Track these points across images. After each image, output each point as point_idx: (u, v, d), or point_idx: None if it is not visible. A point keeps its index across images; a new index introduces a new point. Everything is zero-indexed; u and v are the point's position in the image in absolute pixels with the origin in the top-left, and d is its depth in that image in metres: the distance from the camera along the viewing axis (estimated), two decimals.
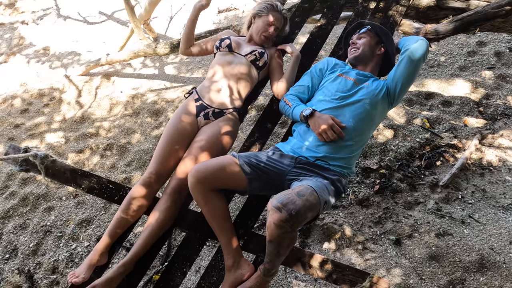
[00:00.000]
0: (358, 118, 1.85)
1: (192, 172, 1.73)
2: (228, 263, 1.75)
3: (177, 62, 5.17)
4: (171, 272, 1.85)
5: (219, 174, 1.74)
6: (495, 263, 2.33)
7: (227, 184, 1.79)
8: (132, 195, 1.91)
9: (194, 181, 1.71)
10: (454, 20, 2.57)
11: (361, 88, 1.92)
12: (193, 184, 1.72)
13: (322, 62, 2.14)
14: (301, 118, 1.91)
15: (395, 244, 2.56)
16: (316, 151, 1.81)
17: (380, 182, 2.97)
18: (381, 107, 1.93)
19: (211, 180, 1.73)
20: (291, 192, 1.52)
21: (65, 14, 6.37)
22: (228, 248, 1.75)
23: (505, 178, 2.89)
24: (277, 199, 1.49)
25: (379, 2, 2.63)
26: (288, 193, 1.51)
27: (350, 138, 1.83)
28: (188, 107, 2.09)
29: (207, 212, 1.77)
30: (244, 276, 1.72)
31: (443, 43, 4.19)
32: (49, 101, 4.73)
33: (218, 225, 1.77)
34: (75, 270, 1.79)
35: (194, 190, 1.74)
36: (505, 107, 3.41)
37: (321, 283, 2.42)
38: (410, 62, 1.87)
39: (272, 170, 1.78)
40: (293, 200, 1.47)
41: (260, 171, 1.77)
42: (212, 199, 1.75)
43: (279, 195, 1.52)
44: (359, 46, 2.03)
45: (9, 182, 3.63)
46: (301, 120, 1.92)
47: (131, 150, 3.82)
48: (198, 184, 1.71)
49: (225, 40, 2.22)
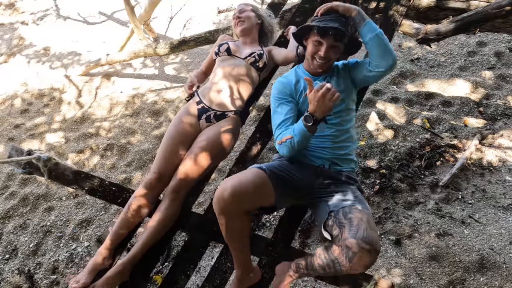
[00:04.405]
0: (341, 120, 1.80)
1: (230, 190, 1.49)
2: (239, 273, 1.74)
3: (177, 62, 5.17)
4: (175, 275, 1.84)
5: (257, 192, 1.56)
6: (495, 263, 2.33)
7: (259, 202, 1.63)
8: (135, 197, 1.91)
9: (232, 200, 1.49)
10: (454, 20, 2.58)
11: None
12: (229, 205, 1.51)
13: (283, 88, 1.84)
14: (307, 124, 1.59)
15: (395, 244, 2.56)
16: (323, 154, 1.76)
17: (380, 182, 2.97)
18: (351, 93, 1.89)
19: (249, 198, 1.54)
20: (365, 227, 1.41)
21: (65, 14, 6.37)
22: (242, 262, 1.72)
23: (505, 178, 2.89)
24: (362, 238, 1.36)
25: (379, 2, 2.62)
26: (364, 228, 1.40)
27: (341, 137, 1.79)
28: (190, 110, 2.10)
29: (236, 235, 1.62)
30: (252, 282, 1.76)
31: (443, 43, 4.20)
32: (49, 101, 4.73)
33: (242, 246, 1.67)
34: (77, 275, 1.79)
35: (230, 212, 1.54)
36: (505, 107, 3.41)
37: (321, 283, 2.42)
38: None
39: (296, 180, 1.69)
40: (373, 237, 1.37)
41: (286, 183, 1.66)
42: (245, 222, 1.62)
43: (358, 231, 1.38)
44: (329, 60, 1.79)
45: (9, 183, 3.63)
46: (308, 124, 1.59)
47: (131, 150, 3.82)
48: (237, 204, 1.52)
49: (223, 45, 2.24)
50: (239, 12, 2.29)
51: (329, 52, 1.75)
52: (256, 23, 2.31)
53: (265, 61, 2.21)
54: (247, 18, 2.26)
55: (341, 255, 1.40)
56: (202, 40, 3.77)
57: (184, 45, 3.93)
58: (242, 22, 2.26)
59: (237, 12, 2.29)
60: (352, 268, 1.39)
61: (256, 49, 2.23)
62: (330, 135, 1.77)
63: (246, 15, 2.27)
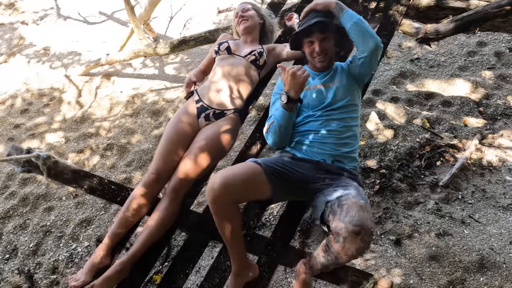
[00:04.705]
0: (346, 116, 1.82)
1: (220, 181, 1.53)
2: (235, 268, 1.74)
3: (177, 62, 5.17)
4: (173, 274, 1.84)
5: (248, 185, 1.59)
6: (495, 263, 2.33)
7: (251, 195, 1.68)
8: (133, 195, 1.91)
9: (222, 192, 1.53)
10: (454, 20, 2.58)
11: (333, 88, 1.85)
12: (219, 195, 1.54)
13: (282, 85, 1.88)
14: (283, 103, 1.71)
15: (395, 244, 2.56)
16: (326, 150, 1.77)
17: (380, 182, 2.97)
18: (357, 89, 1.90)
19: (239, 190, 1.59)
20: (356, 210, 1.38)
21: (65, 14, 6.37)
22: (236, 256, 1.73)
23: (505, 178, 2.89)
24: (350, 221, 1.34)
25: (379, 2, 2.63)
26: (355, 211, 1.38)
27: (345, 134, 1.79)
28: (189, 108, 2.09)
29: (226, 225, 1.64)
30: (251, 278, 1.75)
31: (443, 43, 4.19)
32: (49, 101, 4.73)
33: (233, 237, 1.68)
34: (76, 274, 1.79)
35: (220, 202, 1.57)
36: (505, 107, 3.40)
37: (321, 283, 2.42)
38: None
39: (294, 174, 1.71)
40: (361, 218, 1.35)
41: (283, 177, 1.68)
42: (234, 212, 1.64)
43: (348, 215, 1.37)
44: (326, 52, 1.86)
45: (9, 182, 3.63)
46: (283, 102, 1.71)
47: (131, 150, 3.82)
48: (227, 196, 1.55)
49: (224, 44, 2.23)
50: (242, 10, 2.27)
51: (323, 45, 1.84)
52: (258, 23, 2.31)
53: (265, 59, 2.21)
54: (250, 17, 2.26)
55: (334, 242, 1.41)
56: (202, 39, 3.77)
57: (184, 44, 3.93)
58: (245, 20, 2.25)
59: (240, 11, 2.28)
60: (346, 254, 1.38)
61: (256, 47, 2.23)
62: (335, 131, 1.77)
63: (249, 14, 2.27)
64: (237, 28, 2.30)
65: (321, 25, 1.80)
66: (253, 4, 2.35)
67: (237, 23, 2.29)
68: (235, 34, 2.39)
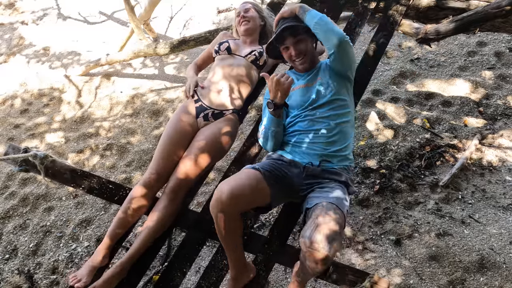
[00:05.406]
0: (332, 113, 1.80)
1: (227, 192, 1.53)
2: (234, 273, 1.75)
3: (177, 62, 5.17)
4: (171, 272, 1.85)
5: (254, 193, 1.61)
6: (495, 263, 2.33)
7: (255, 202, 1.69)
8: (132, 195, 1.91)
9: (230, 202, 1.53)
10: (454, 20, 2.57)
11: (316, 86, 1.85)
12: (227, 206, 1.54)
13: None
14: (270, 110, 1.77)
15: (395, 244, 2.56)
16: (314, 151, 1.77)
17: (380, 182, 2.97)
18: (344, 84, 1.89)
19: (246, 200, 1.60)
20: (314, 226, 1.42)
21: (65, 14, 6.37)
22: (236, 262, 1.74)
23: (505, 178, 2.89)
24: (308, 236, 1.39)
25: (379, 2, 2.62)
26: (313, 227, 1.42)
27: (333, 132, 1.78)
28: (188, 108, 2.09)
29: (230, 234, 1.65)
30: (248, 279, 1.77)
31: (443, 43, 4.19)
32: (49, 101, 4.73)
33: (235, 245, 1.70)
34: (77, 273, 1.79)
35: (228, 213, 1.57)
36: (505, 107, 3.40)
37: (321, 283, 2.42)
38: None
39: (286, 178, 1.73)
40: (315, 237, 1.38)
41: (280, 181, 1.71)
42: (239, 222, 1.66)
43: (307, 230, 1.43)
44: (304, 53, 1.89)
45: (9, 182, 3.63)
46: (270, 110, 1.77)
47: (131, 150, 3.82)
48: (235, 206, 1.56)
49: (224, 44, 2.23)
50: (244, 11, 2.26)
51: (298, 48, 1.86)
52: (259, 25, 2.30)
53: (265, 59, 2.22)
54: (252, 19, 2.25)
55: (300, 254, 1.50)
56: (202, 40, 3.77)
57: (184, 45, 3.93)
58: (246, 22, 2.23)
59: (242, 11, 2.26)
60: (310, 266, 1.43)
61: (256, 47, 2.24)
62: (322, 129, 1.77)
63: (251, 16, 2.25)
64: (238, 28, 2.29)
65: (291, 29, 1.84)
66: (255, 4, 2.34)
67: (238, 23, 2.28)
68: (235, 33, 2.39)
